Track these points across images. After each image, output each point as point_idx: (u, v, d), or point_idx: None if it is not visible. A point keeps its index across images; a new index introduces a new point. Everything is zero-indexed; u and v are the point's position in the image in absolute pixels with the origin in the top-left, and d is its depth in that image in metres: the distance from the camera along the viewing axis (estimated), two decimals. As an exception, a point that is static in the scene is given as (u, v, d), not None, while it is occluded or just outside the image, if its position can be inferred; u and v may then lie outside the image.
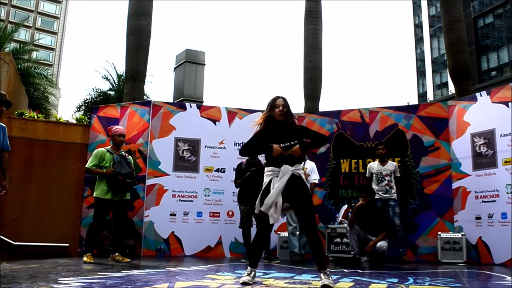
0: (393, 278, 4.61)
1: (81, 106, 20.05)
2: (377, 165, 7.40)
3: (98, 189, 6.00)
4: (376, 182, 7.32)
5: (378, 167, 7.37)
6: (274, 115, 4.14)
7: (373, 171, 7.39)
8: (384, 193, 7.21)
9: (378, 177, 7.31)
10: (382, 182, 7.26)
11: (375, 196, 7.18)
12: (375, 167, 7.39)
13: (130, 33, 10.94)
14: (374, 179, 7.35)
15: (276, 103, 4.17)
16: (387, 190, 7.22)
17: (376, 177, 7.32)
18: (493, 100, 7.24)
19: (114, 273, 4.49)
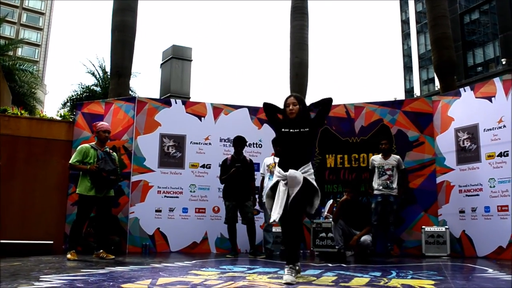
0: (376, 272, 4.65)
1: (66, 102, 19.91)
2: (379, 159, 7.36)
3: (82, 186, 5.96)
4: (377, 175, 7.29)
5: (380, 160, 7.33)
6: (286, 113, 4.26)
7: (375, 164, 7.37)
8: (384, 188, 7.19)
9: (379, 171, 7.28)
10: (383, 176, 7.24)
11: (375, 192, 7.23)
12: (377, 160, 7.36)
13: (115, 29, 10.87)
14: (376, 173, 7.32)
15: (287, 102, 4.28)
16: (388, 185, 7.19)
17: (378, 171, 7.29)
18: (477, 95, 7.30)
19: (98, 270, 4.46)
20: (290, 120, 4.26)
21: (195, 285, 3.46)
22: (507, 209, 6.65)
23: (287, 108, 4.25)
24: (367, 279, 3.97)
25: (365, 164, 7.98)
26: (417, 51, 44.62)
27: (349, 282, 3.75)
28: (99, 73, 21.32)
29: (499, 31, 33.21)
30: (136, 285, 3.43)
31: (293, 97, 4.31)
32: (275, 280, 3.87)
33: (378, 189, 7.22)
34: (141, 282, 3.59)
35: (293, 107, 4.22)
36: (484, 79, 24.61)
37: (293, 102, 4.24)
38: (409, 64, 46.27)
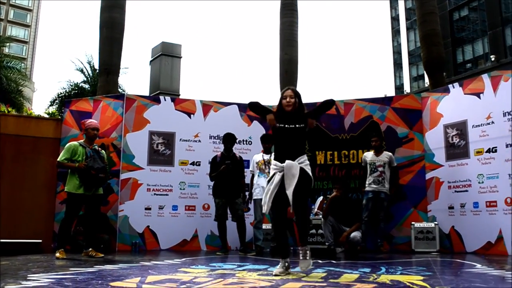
0: (366, 268, 4.66)
1: (55, 100, 19.77)
2: (371, 155, 7.39)
3: (70, 184, 5.91)
4: (369, 172, 7.32)
5: (372, 157, 7.36)
6: (282, 105, 4.32)
7: (367, 160, 7.39)
8: (375, 184, 7.22)
9: (371, 167, 7.31)
10: (374, 173, 7.27)
11: (367, 188, 7.26)
12: (369, 157, 7.39)
13: (103, 26, 10.81)
14: (368, 169, 7.35)
15: (285, 94, 4.35)
16: (379, 181, 7.22)
17: (370, 167, 7.33)
18: (465, 91, 7.34)
19: (86, 269, 4.44)
20: (285, 113, 4.31)
21: (184, 282, 3.46)
22: (495, 204, 6.70)
23: (284, 100, 4.32)
24: (356, 275, 3.98)
25: (355, 160, 8.00)
26: (407, 47, 44.81)
27: (338, 278, 3.76)
28: (88, 70, 21.21)
29: (488, 28, 33.42)
30: (125, 283, 3.41)
31: (291, 90, 4.39)
32: (264, 277, 3.87)
33: (369, 186, 7.25)
34: (130, 280, 3.58)
35: (290, 99, 4.29)
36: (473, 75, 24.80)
37: (291, 95, 4.31)
38: (399, 61, 46.46)
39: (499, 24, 32.44)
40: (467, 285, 3.37)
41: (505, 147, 6.65)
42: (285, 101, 4.31)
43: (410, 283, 3.43)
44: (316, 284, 3.43)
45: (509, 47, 32.03)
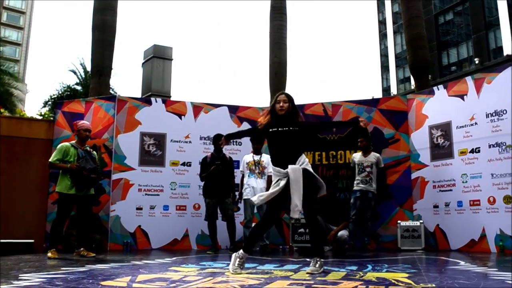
0: (353, 266, 4.74)
1: (48, 101, 19.69)
2: (359, 156, 7.49)
3: (62, 184, 5.96)
4: (357, 172, 7.42)
5: (360, 158, 7.47)
6: (275, 110, 4.35)
7: (355, 161, 7.49)
8: (363, 184, 7.32)
9: (359, 168, 7.40)
10: (362, 173, 7.36)
11: (354, 187, 7.35)
12: (357, 158, 7.50)
13: (95, 28, 10.84)
14: (356, 170, 7.44)
15: (278, 99, 4.38)
16: (367, 181, 7.31)
17: (358, 168, 7.42)
18: (450, 93, 7.51)
19: (78, 268, 4.47)
20: (277, 117, 4.36)
21: (174, 281, 3.51)
22: (478, 203, 6.87)
23: (278, 105, 4.35)
24: (343, 273, 4.06)
25: (342, 161, 8.12)
26: (393, 50, 45.15)
27: (325, 276, 3.83)
28: (80, 72, 21.14)
29: (472, 31, 33.82)
30: (115, 283, 3.45)
31: (285, 95, 4.44)
32: (253, 275, 3.93)
33: (357, 185, 7.36)
34: (121, 279, 3.62)
35: (284, 104, 4.34)
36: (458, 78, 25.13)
37: (284, 100, 4.37)
38: (386, 64, 46.76)
39: (483, 28, 32.87)
40: (450, 282, 3.44)
41: (488, 148, 6.82)
42: (278, 105, 4.35)
43: (395, 280, 3.50)
44: (303, 282, 3.50)
45: (493, 50, 32.46)
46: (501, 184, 6.61)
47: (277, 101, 4.38)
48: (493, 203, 6.67)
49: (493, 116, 6.79)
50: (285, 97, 4.40)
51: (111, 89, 19.15)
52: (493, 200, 6.68)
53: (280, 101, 4.36)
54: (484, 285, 3.28)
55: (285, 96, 4.40)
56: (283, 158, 4.24)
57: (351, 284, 3.32)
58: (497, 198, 6.62)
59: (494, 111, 6.79)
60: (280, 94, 4.47)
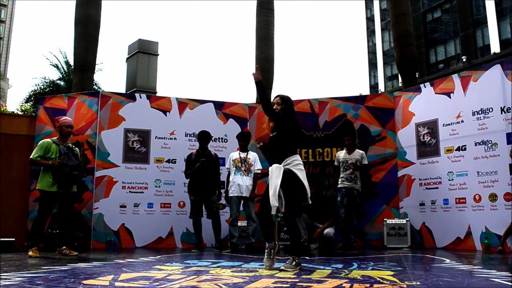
0: (339, 264, 4.73)
1: (30, 97, 19.42)
2: (343, 154, 7.49)
3: (43, 181, 5.84)
4: (342, 170, 7.42)
5: (344, 155, 7.46)
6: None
7: (340, 159, 7.49)
8: (348, 182, 7.32)
9: (344, 165, 7.40)
10: (347, 170, 7.36)
11: (339, 185, 7.35)
12: (341, 156, 7.49)
13: (78, 22, 10.69)
14: (341, 167, 7.44)
15: (273, 101, 4.50)
16: (352, 178, 7.32)
17: (342, 165, 7.42)
18: (436, 91, 7.51)
19: (59, 267, 4.39)
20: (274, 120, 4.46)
21: (158, 280, 3.45)
22: (464, 201, 6.89)
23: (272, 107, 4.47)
24: (328, 271, 4.04)
25: (329, 158, 8.11)
26: (381, 47, 45.39)
27: (311, 274, 3.81)
28: (63, 67, 20.87)
29: (460, 29, 34.11)
30: (97, 281, 3.38)
31: (279, 98, 4.51)
32: (238, 273, 3.89)
33: (342, 183, 7.35)
34: (103, 278, 3.56)
35: (277, 106, 4.44)
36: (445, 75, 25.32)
37: (278, 102, 4.46)
38: (374, 61, 47.00)
39: (471, 26, 33.16)
40: (435, 280, 3.44)
41: (474, 146, 6.83)
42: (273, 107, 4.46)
43: (380, 278, 3.49)
44: (288, 280, 3.47)
45: (480, 48, 32.77)
46: (487, 182, 6.62)
47: (272, 104, 4.49)
48: (479, 201, 6.69)
49: (479, 114, 6.80)
50: (280, 99, 4.48)
51: (95, 85, 18.98)
52: (478, 198, 6.70)
53: (274, 104, 4.47)
54: (469, 283, 3.28)
55: (279, 99, 4.49)
56: (274, 159, 4.40)
57: (336, 282, 3.29)
58: (483, 196, 6.64)
59: (480, 109, 6.80)
60: (275, 97, 4.55)
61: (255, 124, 8.47)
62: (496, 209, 6.47)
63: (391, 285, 3.13)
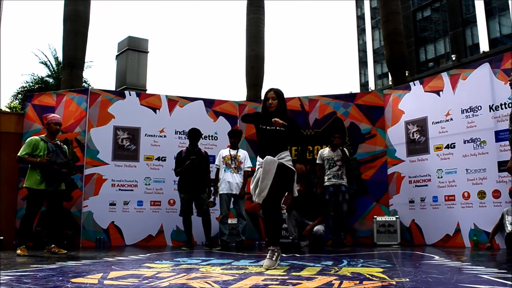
0: (329, 261, 4.74)
1: (18, 94, 19.25)
2: (327, 151, 7.49)
3: (31, 179, 5.78)
4: (327, 167, 7.41)
5: (329, 153, 7.46)
6: (266, 107, 4.45)
7: (324, 156, 7.48)
8: (335, 178, 7.32)
9: (329, 163, 7.40)
10: (333, 168, 7.36)
11: (326, 183, 7.34)
12: (326, 153, 7.49)
13: (67, 19, 10.60)
14: (326, 165, 7.43)
15: (267, 96, 4.48)
16: (338, 175, 7.33)
17: (328, 163, 7.41)
18: (426, 89, 7.55)
19: (48, 265, 4.36)
20: (268, 114, 4.44)
21: (147, 278, 3.44)
22: (453, 198, 6.94)
23: (267, 102, 4.46)
24: (318, 268, 4.05)
25: (319, 156, 8.11)
26: (371, 46, 45.53)
27: (300, 271, 3.80)
28: (52, 64, 20.69)
29: (449, 28, 34.31)
30: (86, 279, 3.37)
31: (273, 92, 4.51)
32: (228, 271, 3.89)
33: (329, 180, 7.36)
34: (92, 276, 3.54)
35: (273, 101, 4.44)
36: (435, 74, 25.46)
37: (273, 97, 4.46)
38: (364, 59, 47.15)
39: (460, 25, 33.38)
40: (424, 276, 3.46)
41: (463, 143, 6.88)
42: (268, 102, 4.46)
43: (369, 275, 3.50)
44: (278, 277, 3.46)
45: (469, 47, 33.00)
46: (476, 180, 6.67)
47: (267, 98, 4.48)
48: (468, 198, 6.73)
49: (468, 112, 6.84)
50: (274, 93, 4.48)
51: (84, 82, 18.84)
52: (467, 195, 6.75)
53: (269, 98, 4.46)
54: (457, 279, 3.29)
55: (273, 93, 4.49)
56: (266, 152, 4.38)
57: (326, 279, 3.30)
58: (472, 193, 6.69)
59: (469, 107, 6.84)
60: (269, 91, 4.54)
61: (245, 121, 8.44)
62: (484, 206, 6.52)
63: (381, 282, 3.14)
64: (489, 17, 31.93)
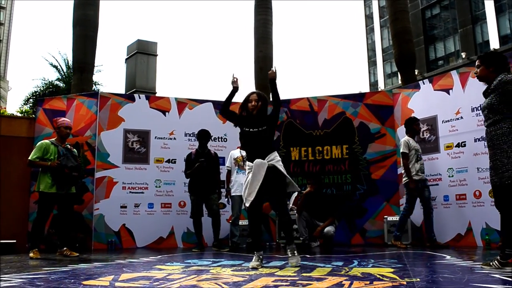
0: (339, 261, 4.74)
1: (29, 98, 19.39)
2: (412, 141, 6.92)
3: (42, 183, 5.83)
4: (415, 159, 6.80)
5: (413, 142, 6.91)
6: (248, 108, 4.57)
7: (412, 147, 6.84)
8: (422, 173, 6.80)
9: (417, 154, 6.83)
10: (420, 160, 6.86)
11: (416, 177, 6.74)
12: (413, 143, 6.88)
13: (77, 24, 10.69)
14: (414, 156, 6.80)
15: (250, 98, 4.58)
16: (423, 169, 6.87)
17: (416, 154, 6.82)
18: (435, 87, 7.50)
19: (60, 268, 4.40)
20: (250, 116, 4.55)
21: (158, 279, 3.47)
22: (464, 197, 6.88)
23: (249, 104, 4.55)
24: (329, 269, 4.05)
25: (328, 156, 8.10)
26: (380, 45, 45.36)
27: (311, 272, 3.81)
28: (63, 68, 20.84)
29: (459, 26, 34.07)
30: (98, 282, 3.40)
31: (256, 94, 4.61)
32: (238, 272, 3.90)
33: (417, 174, 6.77)
34: (104, 279, 3.57)
35: (255, 103, 4.53)
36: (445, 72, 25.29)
37: (256, 99, 4.55)
38: (373, 58, 46.98)
39: (470, 22, 33.13)
40: (435, 276, 3.45)
41: (473, 142, 6.82)
42: (250, 104, 4.55)
43: (380, 275, 3.50)
44: (288, 278, 3.48)
45: (479, 44, 32.74)
46: (487, 178, 6.55)
47: (249, 100, 4.57)
48: (479, 197, 6.68)
49: (478, 110, 6.78)
50: (256, 96, 4.58)
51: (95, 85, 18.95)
52: (479, 194, 6.69)
53: (252, 100, 4.55)
54: (469, 279, 3.27)
55: (256, 96, 4.59)
56: (254, 154, 4.47)
57: (336, 280, 3.30)
58: (483, 192, 6.63)
59: (479, 105, 6.76)
60: (251, 94, 4.64)
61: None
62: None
63: (391, 282, 3.14)
64: (499, 13, 31.67)
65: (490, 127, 3.93)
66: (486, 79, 4.02)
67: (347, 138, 8.08)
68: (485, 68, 4.01)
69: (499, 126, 3.82)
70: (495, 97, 3.85)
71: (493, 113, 3.87)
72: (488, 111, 3.93)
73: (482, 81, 4.10)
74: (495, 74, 3.93)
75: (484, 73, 4.03)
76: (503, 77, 3.82)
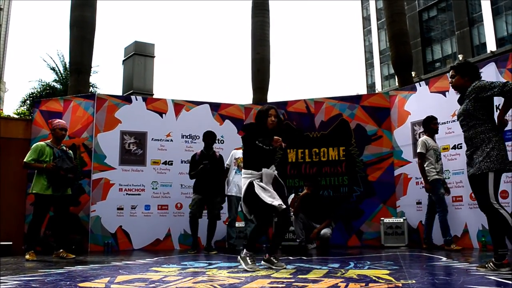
0: (335, 263, 4.75)
1: (26, 100, 19.35)
2: (431, 140, 6.72)
3: (38, 185, 5.82)
4: (435, 159, 6.60)
5: (433, 142, 6.71)
6: (267, 123, 4.56)
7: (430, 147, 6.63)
8: (441, 174, 6.66)
9: (436, 154, 6.66)
10: (440, 160, 6.72)
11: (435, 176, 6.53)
12: (431, 142, 6.68)
13: (74, 25, 10.67)
14: (433, 156, 6.59)
15: (270, 112, 4.59)
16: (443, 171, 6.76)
17: (435, 154, 6.62)
18: (431, 89, 7.52)
19: (56, 270, 4.40)
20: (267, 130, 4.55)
21: (154, 281, 3.47)
22: (461, 199, 6.90)
23: (269, 118, 4.56)
24: (325, 271, 4.05)
25: (325, 158, 8.11)
26: (378, 47, 45.43)
27: (307, 274, 3.82)
28: (60, 69, 20.79)
29: (456, 28, 34.16)
30: (93, 284, 3.40)
31: (274, 110, 4.66)
32: (234, 274, 3.90)
33: (438, 174, 6.57)
34: (99, 281, 3.57)
35: (275, 119, 4.58)
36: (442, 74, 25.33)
37: (275, 115, 4.61)
38: (370, 60, 47.05)
39: (467, 24, 33.22)
40: (431, 278, 3.46)
41: (469, 144, 6.81)
42: (270, 119, 4.56)
43: (376, 277, 3.51)
44: (284, 280, 3.48)
45: (476, 47, 32.83)
46: (483, 180, 6.59)
47: (269, 115, 4.57)
48: (475, 199, 6.66)
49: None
50: (275, 112, 4.64)
51: (92, 87, 18.91)
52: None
53: (271, 115, 4.57)
54: (464, 281, 3.27)
55: (275, 111, 4.63)
56: (261, 165, 4.51)
57: (332, 282, 3.31)
58: (479, 194, 6.62)
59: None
60: (271, 108, 4.65)
61: (252, 125, 8.46)
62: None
63: (387, 284, 3.14)
64: (496, 16, 31.75)
65: (469, 131, 4.05)
66: (462, 88, 4.14)
67: (344, 140, 8.10)
68: (461, 78, 4.14)
69: (477, 130, 3.97)
70: (469, 102, 3.98)
71: (469, 118, 4.01)
72: (464, 117, 4.07)
73: (457, 90, 4.24)
74: (470, 82, 4.06)
75: (460, 83, 4.15)
76: (476, 82, 3.98)
